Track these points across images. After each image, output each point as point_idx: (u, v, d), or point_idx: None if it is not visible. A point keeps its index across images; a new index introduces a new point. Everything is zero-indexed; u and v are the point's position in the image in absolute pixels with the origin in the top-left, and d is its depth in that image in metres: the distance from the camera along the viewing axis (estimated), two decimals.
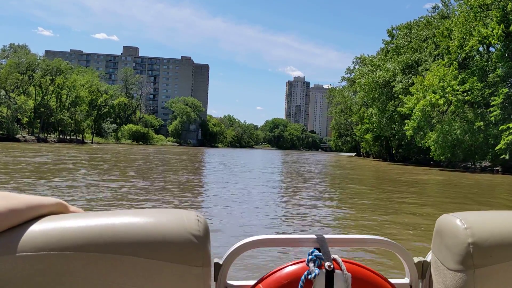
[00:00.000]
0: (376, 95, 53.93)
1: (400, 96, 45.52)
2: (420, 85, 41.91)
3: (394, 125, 56.23)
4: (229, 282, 1.11)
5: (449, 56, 43.07)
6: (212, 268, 0.96)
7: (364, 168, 39.42)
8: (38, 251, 0.82)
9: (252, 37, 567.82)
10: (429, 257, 1.18)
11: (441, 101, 39.29)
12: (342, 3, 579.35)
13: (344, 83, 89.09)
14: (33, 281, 0.81)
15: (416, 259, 1.19)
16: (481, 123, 38.62)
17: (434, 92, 40.05)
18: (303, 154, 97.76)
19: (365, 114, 69.47)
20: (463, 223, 1.02)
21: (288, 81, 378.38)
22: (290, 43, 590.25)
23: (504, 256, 1.00)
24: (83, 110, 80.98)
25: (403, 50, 54.17)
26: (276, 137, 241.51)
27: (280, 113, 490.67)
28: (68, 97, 77.00)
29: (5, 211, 0.83)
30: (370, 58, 60.00)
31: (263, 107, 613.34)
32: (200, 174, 20.35)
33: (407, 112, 43.42)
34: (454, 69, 40.14)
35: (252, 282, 1.09)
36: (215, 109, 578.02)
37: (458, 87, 39.62)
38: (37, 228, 0.85)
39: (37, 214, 0.89)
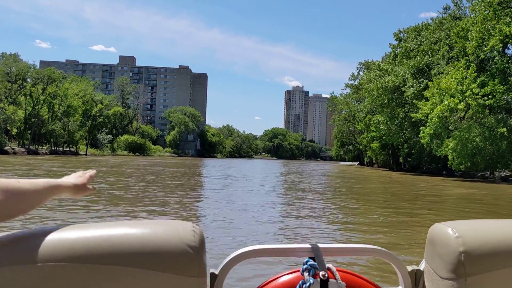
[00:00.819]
0: (385, 101, 50.77)
1: (414, 101, 42.31)
2: (436, 89, 38.75)
3: (402, 132, 53.07)
4: None
5: (466, 57, 40.00)
6: (208, 279, 0.97)
7: (378, 180, 36.05)
8: (35, 262, 0.82)
9: (250, 48, 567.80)
10: (422, 266, 1.18)
11: (461, 106, 36.09)
12: (338, 13, 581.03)
13: (348, 90, 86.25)
14: None
15: (409, 268, 1.19)
16: (504, 129, 35.46)
17: (453, 96, 36.89)
18: (305, 164, 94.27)
19: (372, 122, 66.40)
20: (455, 232, 1.04)
21: (287, 90, 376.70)
22: (287, 54, 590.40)
23: (495, 264, 1.02)
24: (76, 120, 77.59)
25: (413, 54, 51.16)
26: (276, 146, 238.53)
27: (278, 123, 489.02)
28: (61, 106, 73.70)
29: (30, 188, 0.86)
30: (378, 63, 56.92)
31: (261, 117, 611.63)
32: (197, 195, 16.91)
33: (422, 118, 40.21)
34: (473, 71, 37.03)
35: None
36: (213, 120, 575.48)
37: (477, 91, 36.53)
38: (34, 239, 0.85)
39: (38, 200, 0.91)
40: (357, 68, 77.33)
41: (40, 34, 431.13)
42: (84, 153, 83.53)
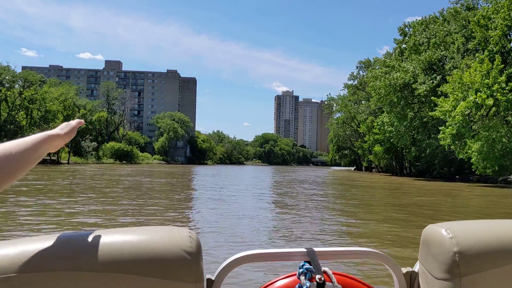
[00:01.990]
0: (395, 100, 46.36)
1: (432, 98, 37.90)
2: (458, 83, 34.37)
3: (412, 133, 48.73)
4: None
5: (489, 48, 35.79)
6: (205, 284, 0.97)
7: (400, 189, 31.49)
8: (33, 271, 0.82)
9: (237, 54, 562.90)
10: (416, 267, 1.19)
11: (489, 101, 31.73)
12: (325, 19, 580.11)
13: (345, 92, 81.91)
14: None
15: (404, 270, 1.20)
16: None
17: (478, 91, 32.56)
18: (299, 170, 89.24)
19: (375, 124, 62.06)
20: (448, 233, 1.05)
21: (277, 95, 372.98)
22: (275, 59, 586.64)
23: (489, 264, 1.03)
24: (57, 126, 72.10)
25: (422, 48, 46.93)
26: (267, 152, 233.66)
27: (267, 129, 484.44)
28: (39, 112, 68.28)
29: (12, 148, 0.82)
30: (383, 59, 52.60)
31: (250, 123, 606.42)
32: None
33: (441, 116, 35.81)
34: (499, 63, 32.78)
35: None
36: (202, 126, 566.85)
37: (504, 85, 32.29)
38: (31, 247, 0.85)
39: (34, 157, 0.88)
40: (357, 67, 73.16)
41: (26, 42, 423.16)
42: (66, 161, 78.02)
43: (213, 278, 1.06)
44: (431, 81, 43.33)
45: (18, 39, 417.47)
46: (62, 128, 1.01)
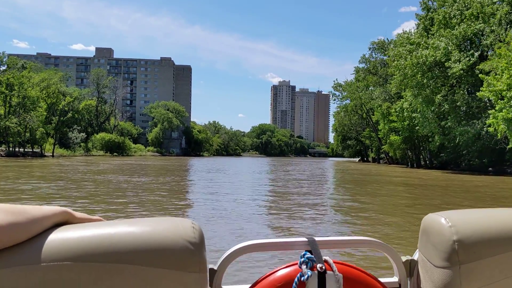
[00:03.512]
0: (424, 81, 40.14)
1: (480, 75, 31.65)
2: None
3: (436, 120, 42.55)
4: (224, 287, 1.12)
5: None
6: (208, 274, 0.98)
7: (494, 191, 25.43)
8: (37, 262, 0.83)
9: (231, 45, 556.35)
10: (416, 256, 1.21)
11: None
12: (319, 9, 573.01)
13: (353, 78, 75.48)
14: None
15: (404, 258, 1.22)
16: None
17: None
18: (303, 162, 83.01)
19: (392, 110, 55.85)
20: (448, 222, 1.06)
21: (273, 85, 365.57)
22: (269, 50, 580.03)
23: (487, 252, 1.04)
24: (39, 115, 65.38)
25: (455, 21, 40.64)
26: (264, 143, 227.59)
27: (261, 120, 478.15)
28: (18, 99, 61.54)
29: (8, 227, 0.81)
30: (407, 35, 46.26)
31: (245, 114, 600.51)
32: None
33: (491, 97, 29.72)
34: None
35: (246, 286, 1.12)
36: (197, 118, 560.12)
37: None
38: (36, 240, 0.86)
39: (43, 228, 0.88)
40: (369, 48, 66.50)
41: (18, 33, 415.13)
42: (51, 154, 71.43)
43: (215, 267, 1.08)
44: (467, 59, 37.17)
45: (9, 30, 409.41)
46: (80, 214, 0.99)
